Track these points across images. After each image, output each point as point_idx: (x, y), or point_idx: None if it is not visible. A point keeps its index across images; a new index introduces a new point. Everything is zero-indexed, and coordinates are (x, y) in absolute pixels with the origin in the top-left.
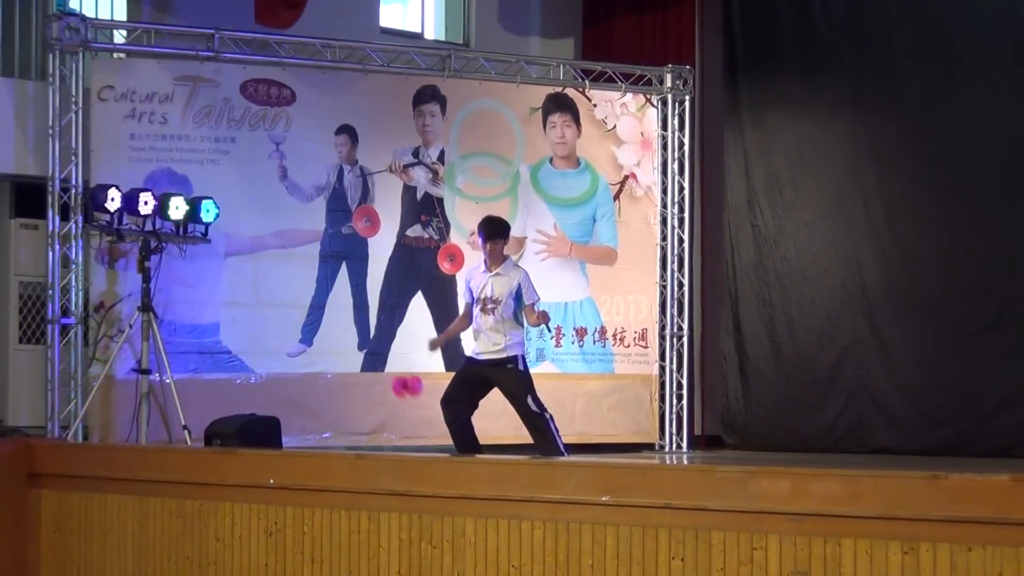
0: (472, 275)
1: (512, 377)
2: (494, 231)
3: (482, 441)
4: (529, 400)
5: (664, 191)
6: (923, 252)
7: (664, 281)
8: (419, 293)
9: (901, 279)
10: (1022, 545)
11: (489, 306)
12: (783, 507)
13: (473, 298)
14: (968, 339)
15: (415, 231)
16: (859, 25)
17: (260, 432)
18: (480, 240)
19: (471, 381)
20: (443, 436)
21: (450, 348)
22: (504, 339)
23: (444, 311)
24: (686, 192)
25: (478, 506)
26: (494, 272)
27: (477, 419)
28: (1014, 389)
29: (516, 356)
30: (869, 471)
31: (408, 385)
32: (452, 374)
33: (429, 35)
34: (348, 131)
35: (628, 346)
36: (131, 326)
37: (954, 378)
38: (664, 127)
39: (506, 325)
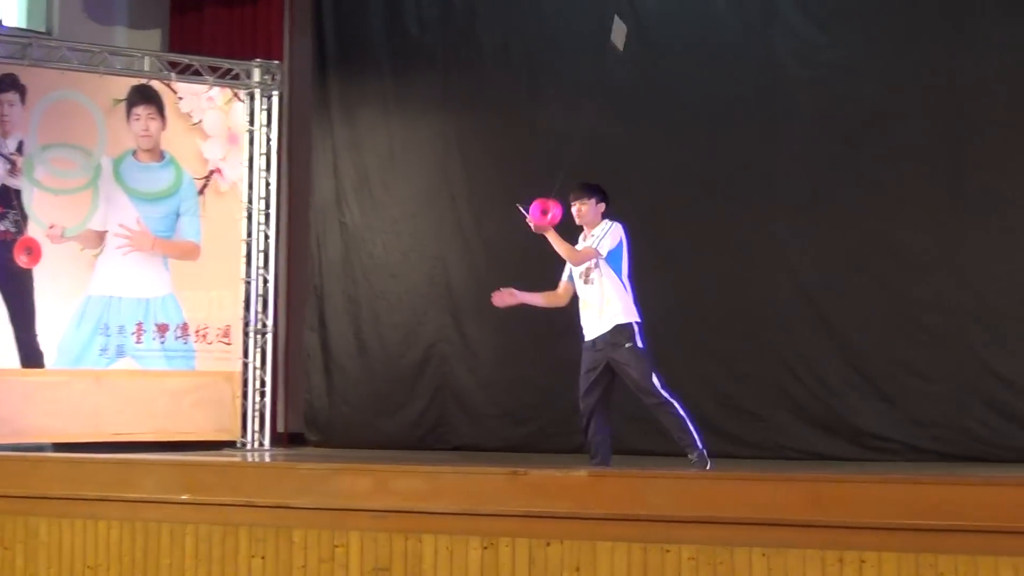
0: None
1: (630, 357)
2: (582, 190)
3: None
4: (654, 382)
5: (250, 187)
6: (509, 251)
7: (249, 277)
8: None
9: (487, 278)
10: (598, 539)
11: (590, 276)
12: (365, 504)
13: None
14: (550, 337)
15: None
16: (450, 25)
17: None
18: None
19: (592, 369)
20: (13, 434)
21: (29, 344)
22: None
23: (20, 306)
24: (272, 188)
25: (52, 506)
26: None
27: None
28: None
29: (631, 324)
30: (451, 467)
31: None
32: (30, 371)
33: (9, 22)
34: None
35: (211, 343)
36: None
37: (536, 376)
38: (252, 122)
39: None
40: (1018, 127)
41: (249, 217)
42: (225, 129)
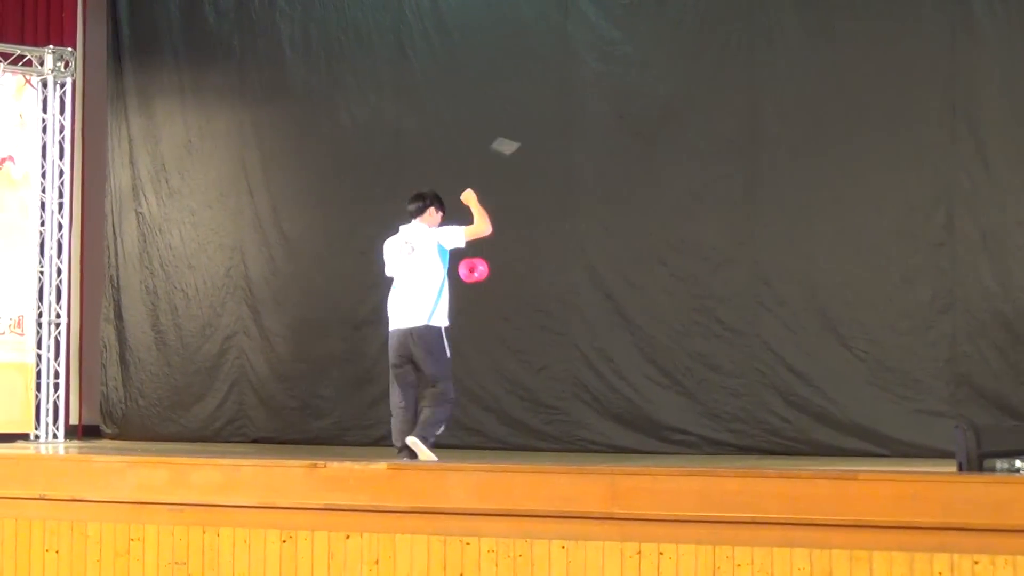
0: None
1: (435, 342)
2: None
3: None
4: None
5: (44, 175)
6: (307, 244)
7: (42, 267)
8: None
9: (285, 270)
10: (398, 532)
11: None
12: (162, 497)
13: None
14: (350, 330)
15: None
16: (247, 15)
17: None
18: (439, 209)
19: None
20: None
21: None
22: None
23: None
24: (67, 177)
25: None
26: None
27: None
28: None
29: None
30: (249, 460)
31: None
32: None
33: None
34: None
35: (3, 333)
36: None
37: (334, 369)
38: (45, 109)
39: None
40: (809, 122)
41: (43, 206)
42: (17, 117)
